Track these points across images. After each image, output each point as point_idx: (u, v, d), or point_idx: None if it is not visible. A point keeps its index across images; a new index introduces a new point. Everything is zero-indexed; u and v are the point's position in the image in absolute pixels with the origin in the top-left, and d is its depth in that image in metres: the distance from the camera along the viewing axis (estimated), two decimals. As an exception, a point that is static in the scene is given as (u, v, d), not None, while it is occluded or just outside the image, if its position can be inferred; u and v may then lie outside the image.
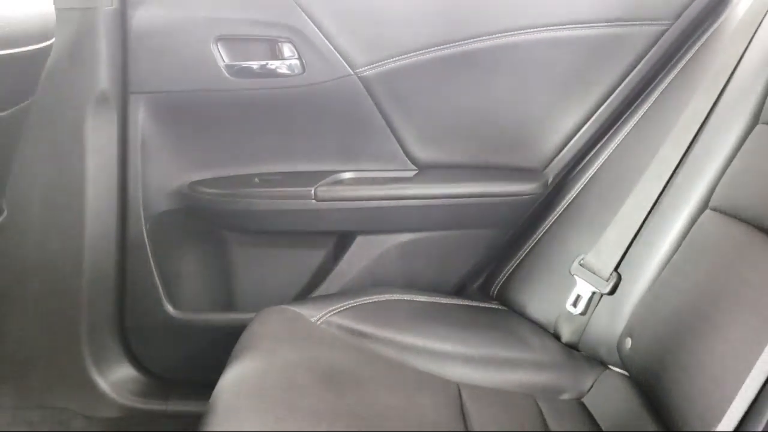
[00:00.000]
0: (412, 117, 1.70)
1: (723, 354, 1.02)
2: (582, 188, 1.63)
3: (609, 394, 1.34)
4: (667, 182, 1.40)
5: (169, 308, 1.79)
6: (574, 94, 1.64)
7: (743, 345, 1.00)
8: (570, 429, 1.26)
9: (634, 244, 1.41)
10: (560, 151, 1.68)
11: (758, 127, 1.27)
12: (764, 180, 1.20)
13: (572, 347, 1.47)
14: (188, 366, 1.70)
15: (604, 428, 1.26)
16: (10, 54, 1.18)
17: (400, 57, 1.63)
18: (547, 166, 1.70)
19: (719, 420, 0.96)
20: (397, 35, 1.63)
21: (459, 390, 1.30)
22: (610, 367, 1.39)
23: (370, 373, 1.30)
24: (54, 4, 1.31)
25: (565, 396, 1.37)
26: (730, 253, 1.20)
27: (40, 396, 1.81)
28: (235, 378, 1.21)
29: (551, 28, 1.59)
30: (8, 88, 1.25)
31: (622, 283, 1.40)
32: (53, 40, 1.30)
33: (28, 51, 1.25)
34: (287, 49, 1.64)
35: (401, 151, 1.73)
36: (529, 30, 1.59)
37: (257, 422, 1.08)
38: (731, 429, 0.98)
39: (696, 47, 1.57)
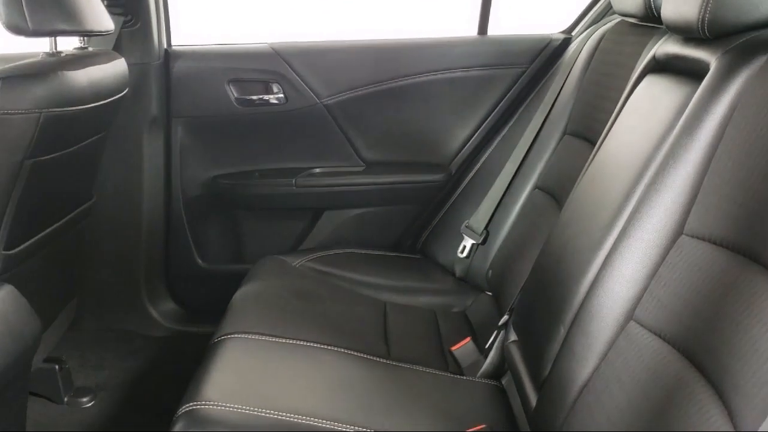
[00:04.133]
0: (360, 130, 2.28)
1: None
2: (471, 177, 2.22)
3: (480, 307, 1.90)
4: (516, 171, 2.00)
5: (199, 261, 2.36)
6: (466, 114, 2.25)
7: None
8: (453, 329, 1.77)
9: (497, 211, 2.02)
10: (459, 152, 2.27)
11: (566, 137, 1.88)
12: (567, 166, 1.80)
13: (462, 280, 2.06)
14: (212, 300, 2.00)
15: (475, 327, 1.82)
16: (115, 98, 1.78)
17: (348, 91, 2.23)
18: (451, 161, 2.28)
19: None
20: (346, 78, 2.22)
21: (385, 306, 1.86)
22: (485, 291, 1.96)
23: (327, 294, 1.86)
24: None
25: (455, 310, 1.95)
26: (537, 216, 1.79)
27: (111, 321, 2.36)
28: (242, 294, 1.78)
29: (446, 71, 2.21)
30: (107, 120, 1.84)
31: (489, 237, 2.02)
32: (127, 89, 1.91)
33: (122, 94, 1.84)
34: (275, 87, 2.23)
35: (354, 153, 2.30)
36: (432, 73, 2.21)
37: (254, 317, 1.63)
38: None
39: (543, 81, 2.15)
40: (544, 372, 1.23)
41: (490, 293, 1.92)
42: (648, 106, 1.28)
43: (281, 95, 2.23)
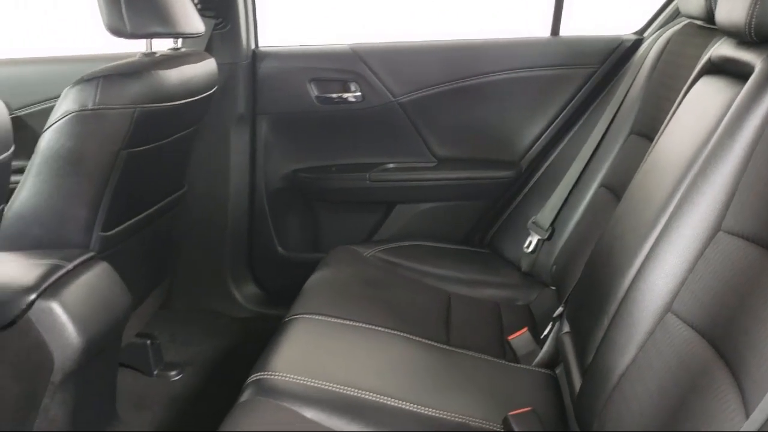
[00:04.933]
0: (433, 127, 2.36)
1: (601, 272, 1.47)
2: (540, 174, 2.26)
3: (544, 301, 1.94)
4: (583, 169, 2.03)
5: (279, 248, 2.49)
6: (536, 112, 2.29)
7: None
8: (515, 321, 1.82)
9: (563, 208, 2.06)
10: (529, 150, 2.32)
11: (631, 136, 1.90)
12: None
13: (527, 274, 2.11)
14: (290, 285, 2.01)
15: (537, 320, 1.86)
16: (205, 96, 1.91)
17: (422, 90, 2.31)
18: (521, 159, 2.33)
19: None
20: (420, 76, 2.31)
21: (450, 296, 1.93)
22: (549, 286, 2.00)
23: (394, 283, 1.94)
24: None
25: (519, 303, 2.00)
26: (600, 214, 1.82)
27: (200, 302, 2.52)
28: (314, 280, 1.89)
29: (518, 71, 2.26)
30: (197, 115, 1.98)
31: (554, 233, 2.06)
32: (216, 87, 2.05)
33: (211, 92, 1.98)
34: (353, 86, 2.34)
35: (426, 149, 2.38)
36: (504, 72, 2.26)
37: (323, 300, 1.74)
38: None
39: (613, 82, 2.17)
40: (588, 360, 1.27)
41: (553, 288, 1.96)
42: (700, 107, 1.31)
43: (358, 93, 2.33)
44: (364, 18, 2.93)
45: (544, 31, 2.34)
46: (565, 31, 2.32)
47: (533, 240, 2.09)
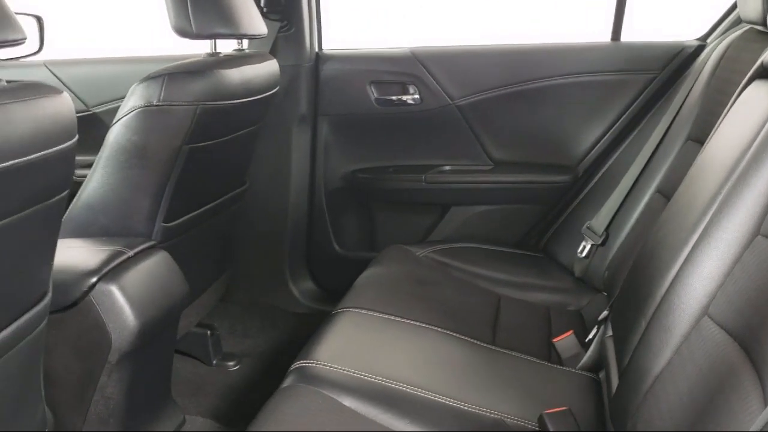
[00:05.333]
0: (490, 131, 2.37)
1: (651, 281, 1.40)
2: (597, 179, 2.25)
3: (596, 307, 1.90)
4: (639, 175, 2.01)
5: (336, 247, 2.55)
6: (595, 118, 2.27)
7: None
8: (564, 325, 1.79)
9: (618, 213, 2.04)
10: (586, 155, 2.30)
11: (688, 143, 1.86)
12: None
13: (580, 279, 2.09)
14: (346, 282, 2.00)
15: (587, 326, 1.83)
16: (265, 96, 1.97)
17: (480, 93, 2.33)
18: (578, 164, 2.32)
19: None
20: (478, 80, 2.33)
21: (500, 299, 1.93)
22: (601, 292, 1.97)
23: (445, 282, 1.96)
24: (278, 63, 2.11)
25: (571, 308, 1.98)
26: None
27: (258, 296, 2.60)
28: (365, 276, 1.93)
29: (577, 75, 2.25)
30: (258, 115, 2.04)
31: (609, 238, 2.04)
32: (278, 88, 2.11)
33: (273, 92, 2.05)
34: (412, 89, 2.38)
35: (483, 152, 2.40)
36: (563, 76, 2.26)
37: (372, 296, 1.77)
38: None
39: (672, 87, 2.14)
40: (625, 363, 1.27)
41: (605, 294, 1.93)
42: (747, 111, 1.28)
43: (417, 96, 2.37)
44: (424, 22, 2.96)
45: (605, 37, 2.32)
46: (626, 36, 2.30)
47: (587, 245, 2.07)
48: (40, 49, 2.71)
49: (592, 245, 2.07)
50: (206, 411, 2.04)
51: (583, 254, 2.08)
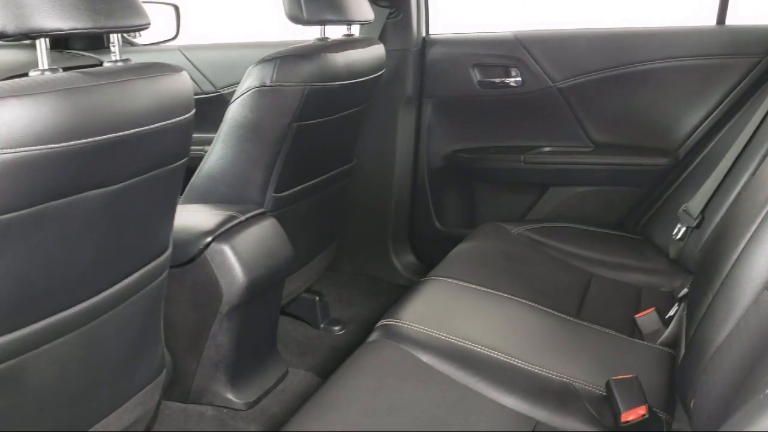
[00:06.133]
0: (591, 113, 2.39)
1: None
2: (696, 163, 2.22)
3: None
4: (736, 159, 1.98)
5: (437, 223, 2.65)
6: (696, 101, 2.25)
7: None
8: (652, 305, 1.77)
9: (714, 196, 2.01)
10: (687, 138, 2.28)
11: None
12: None
13: (675, 261, 2.08)
14: (444, 256, 2.06)
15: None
16: (369, 78, 2.10)
17: (581, 76, 2.36)
18: (679, 147, 2.30)
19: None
20: (579, 63, 2.35)
21: (591, 277, 1.96)
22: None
23: (535, 258, 2.02)
24: (385, 47, 2.22)
25: (663, 289, 1.98)
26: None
27: (363, 267, 2.75)
28: (458, 249, 2.03)
29: (679, 59, 2.23)
30: (363, 96, 2.15)
31: (704, 221, 2.02)
32: (384, 71, 2.23)
33: (377, 74, 2.16)
34: (513, 71, 2.43)
35: (583, 134, 2.42)
36: (665, 60, 2.24)
37: (461, 267, 1.87)
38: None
39: None
40: (690, 335, 1.30)
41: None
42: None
43: (519, 78, 2.42)
44: (528, 6, 2.99)
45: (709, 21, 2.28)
46: (731, 20, 2.24)
47: (682, 227, 2.06)
48: (176, 35, 2.98)
49: (687, 228, 2.06)
50: (310, 367, 2.20)
51: (678, 236, 2.08)
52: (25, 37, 1.05)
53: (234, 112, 1.90)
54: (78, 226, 1.15)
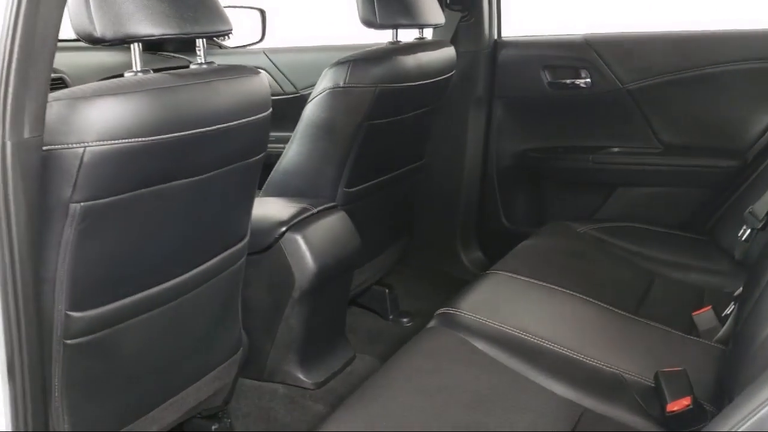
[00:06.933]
0: (659, 114, 2.40)
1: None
2: (764, 166, 2.18)
3: None
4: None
5: (505, 221, 2.71)
6: (765, 105, 2.22)
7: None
8: (714, 305, 1.77)
9: (781, 199, 2.00)
10: (756, 141, 2.27)
11: None
12: None
13: (740, 263, 2.06)
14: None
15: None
16: (439, 79, 2.16)
17: (651, 78, 2.37)
18: (748, 149, 2.29)
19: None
20: (649, 65, 2.37)
21: (653, 277, 1.97)
22: None
23: (599, 257, 2.05)
24: (456, 49, 2.29)
25: (727, 290, 1.97)
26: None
27: (431, 261, 2.82)
28: (523, 246, 2.08)
29: (750, 62, 2.22)
30: (433, 96, 2.22)
31: (769, 223, 2.01)
32: (454, 71, 2.30)
33: (447, 76, 2.23)
34: (583, 73, 2.46)
35: (652, 135, 2.43)
36: (736, 62, 2.23)
37: (524, 262, 1.91)
38: None
39: None
40: (738, 330, 1.33)
41: (762, 277, 1.92)
42: None
43: (588, 80, 2.46)
44: (598, 8, 2.99)
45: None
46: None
47: (748, 229, 2.05)
48: (262, 38, 3.14)
49: (752, 229, 2.04)
50: (377, 354, 2.29)
51: (743, 238, 2.07)
52: (122, 42, 1.18)
53: (309, 111, 2.02)
54: (165, 213, 1.28)
